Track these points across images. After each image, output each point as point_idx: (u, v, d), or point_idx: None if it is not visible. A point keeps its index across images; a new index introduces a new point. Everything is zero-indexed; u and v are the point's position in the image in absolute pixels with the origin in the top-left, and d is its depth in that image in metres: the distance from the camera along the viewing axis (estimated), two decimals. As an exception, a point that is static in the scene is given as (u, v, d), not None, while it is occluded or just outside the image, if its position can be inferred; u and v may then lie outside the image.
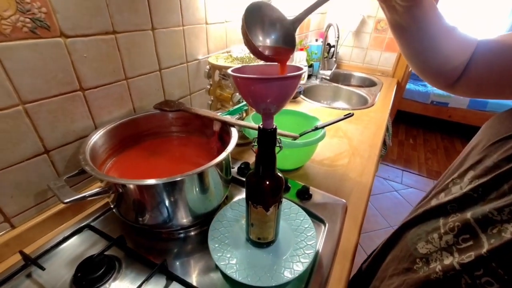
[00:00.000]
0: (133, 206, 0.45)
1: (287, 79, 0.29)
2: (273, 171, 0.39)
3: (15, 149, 0.43)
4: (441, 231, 0.32)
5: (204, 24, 0.74)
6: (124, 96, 0.58)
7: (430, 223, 0.35)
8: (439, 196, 0.37)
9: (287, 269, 0.43)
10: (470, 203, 0.30)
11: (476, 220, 0.28)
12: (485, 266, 0.26)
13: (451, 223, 0.31)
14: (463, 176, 0.34)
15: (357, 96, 1.39)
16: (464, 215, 0.30)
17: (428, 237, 0.34)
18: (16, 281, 0.42)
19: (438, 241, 0.32)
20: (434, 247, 0.32)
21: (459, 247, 0.29)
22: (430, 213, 0.35)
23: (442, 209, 0.33)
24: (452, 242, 0.30)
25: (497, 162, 0.29)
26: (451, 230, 0.31)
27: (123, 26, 0.52)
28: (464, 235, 0.29)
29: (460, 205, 0.31)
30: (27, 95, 0.42)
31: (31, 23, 0.40)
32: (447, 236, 0.31)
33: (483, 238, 0.27)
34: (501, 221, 0.26)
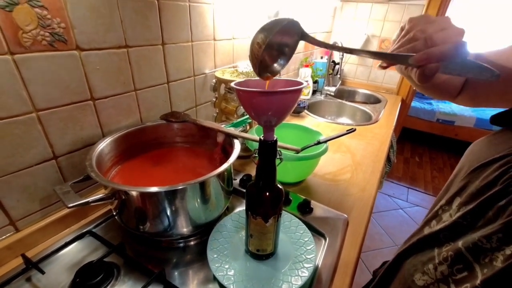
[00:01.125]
0: (134, 213, 0.46)
1: (288, 93, 0.31)
2: (273, 183, 0.39)
3: (26, 154, 0.45)
4: (436, 261, 0.32)
5: (212, 40, 0.77)
6: (132, 106, 0.60)
7: (425, 253, 0.34)
8: (430, 223, 0.37)
9: (285, 282, 0.42)
10: (460, 231, 0.30)
11: (467, 249, 0.28)
12: None
13: (445, 253, 0.31)
14: (451, 202, 0.34)
15: (361, 112, 1.41)
16: (456, 244, 0.30)
17: (424, 268, 0.33)
18: (16, 285, 0.42)
19: (433, 272, 0.32)
20: (431, 279, 0.32)
21: (455, 278, 0.29)
22: (424, 242, 0.35)
23: (435, 237, 0.33)
24: (447, 273, 0.30)
25: (479, 188, 0.29)
26: (445, 260, 0.30)
27: (135, 41, 0.55)
28: (458, 265, 0.29)
29: (451, 233, 0.31)
30: (41, 103, 0.44)
31: (50, 37, 0.42)
32: (441, 267, 0.31)
33: (477, 268, 0.27)
34: (491, 249, 0.26)
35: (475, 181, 0.30)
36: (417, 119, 2.89)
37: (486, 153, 0.31)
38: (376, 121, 1.21)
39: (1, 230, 0.45)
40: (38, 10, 0.40)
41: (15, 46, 0.39)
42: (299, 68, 1.48)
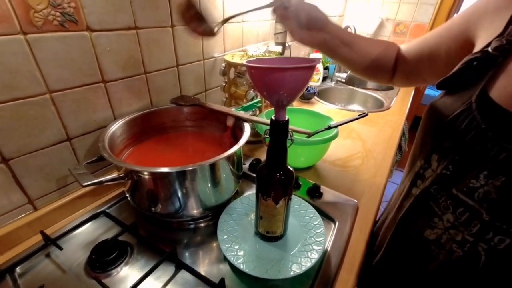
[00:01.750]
0: (146, 194, 0.47)
1: (301, 70, 0.30)
2: (284, 164, 0.39)
3: (41, 135, 0.46)
4: (439, 213, 0.35)
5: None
6: (142, 89, 0.60)
7: (424, 210, 0.37)
8: (416, 183, 0.39)
9: (295, 263, 0.43)
10: (448, 181, 0.33)
11: (463, 193, 0.31)
12: (492, 228, 0.29)
13: (444, 203, 0.34)
14: (429, 160, 0.36)
15: (372, 99, 1.37)
16: (451, 192, 0.33)
17: (430, 223, 0.36)
18: (37, 260, 0.44)
19: (440, 223, 0.35)
20: (440, 230, 0.35)
21: (461, 221, 0.32)
22: (419, 201, 0.38)
23: (428, 193, 0.36)
24: (453, 219, 0.33)
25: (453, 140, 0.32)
26: (446, 208, 0.33)
27: (145, 22, 0.55)
28: (459, 208, 0.32)
29: (440, 185, 0.34)
30: (54, 85, 0.45)
31: (61, 17, 0.42)
32: (446, 216, 0.34)
33: (475, 205, 0.30)
34: (481, 186, 0.29)
35: (448, 135, 0.33)
36: (430, 108, 2.80)
37: (445, 111, 0.34)
38: (388, 108, 1.18)
39: (20, 208, 0.47)
40: (48, -12, 0.40)
41: (27, 25, 0.39)
42: (310, 53, 1.44)
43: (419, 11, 1.50)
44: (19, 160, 0.44)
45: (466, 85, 0.33)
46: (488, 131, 0.29)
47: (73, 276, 0.42)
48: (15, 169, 0.44)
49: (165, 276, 0.42)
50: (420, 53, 0.47)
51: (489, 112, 0.29)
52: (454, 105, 0.32)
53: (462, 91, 0.33)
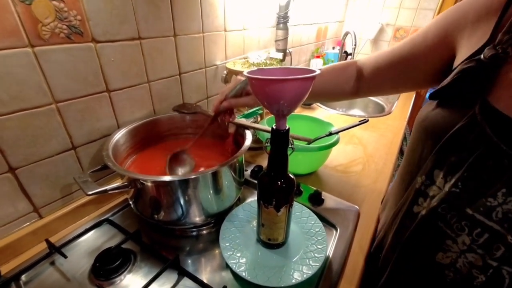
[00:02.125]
0: (149, 202, 0.47)
1: (300, 81, 0.30)
2: (285, 172, 0.39)
3: (46, 144, 0.47)
4: (452, 235, 0.32)
5: (223, 31, 0.77)
6: (145, 98, 0.61)
7: (433, 232, 0.34)
8: (418, 201, 0.37)
9: (297, 271, 0.43)
10: (458, 199, 0.31)
11: (479, 212, 0.29)
12: None
13: (456, 224, 0.31)
14: (432, 177, 0.34)
15: (373, 104, 1.38)
16: (464, 212, 0.30)
17: (442, 246, 0.33)
18: (42, 268, 0.44)
19: (455, 246, 0.32)
20: (455, 253, 0.32)
21: (479, 243, 0.30)
22: (426, 222, 0.35)
23: (435, 214, 0.33)
24: (469, 242, 0.30)
25: (461, 156, 0.31)
26: (460, 230, 0.31)
27: (148, 33, 0.56)
28: (476, 229, 0.30)
29: (450, 204, 0.32)
30: (60, 95, 0.46)
31: (67, 30, 0.44)
32: (461, 238, 0.31)
33: (494, 226, 0.28)
34: (499, 205, 0.28)
35: (452, 149, 0.31)
36: (432, 111, 2.79)
37: (444, 125, 0.32)
38: (389, 112, 1.18)
39: (26, 217, 0.48)
40: (56, 2, 0.41)
41: (35, 39, 0.40)
42: (310, 59, 1.46)
43: (419, 16, 1.51)
44: (25, 169, 0.45)
45: (460, 96, 0.32)
46: (500, 144, 0.27)
47: (78, 284, 0.42)
48: (21, 178, 0.45)
49: (168, 284, 0.43)
50: (390, 63, 0.47)
51: (497, 124, 0.28)
52: (453, 118, 0.32)
53: (457, 101, 0.32)
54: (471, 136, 0.30)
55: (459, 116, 0.31)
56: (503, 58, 0.29)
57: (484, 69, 0.30)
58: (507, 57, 0.29)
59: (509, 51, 0.29)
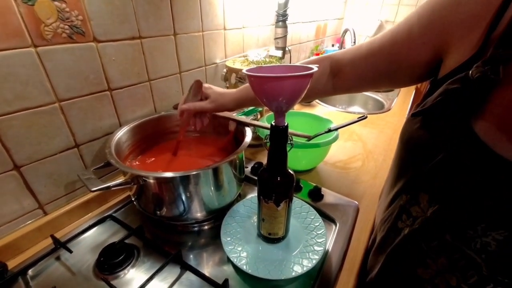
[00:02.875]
0: (151, 198, 0.48)
1: (298, 78, 0.31)
2: (284, 168, 0.40)
3: (50, 142, 0.48)
4: (432, 255, 0.33)
5: (222, 30, 0.77)
6: (146, 96, 0.62)
7: (415, 250, 0.35)
8: (401, 217, 0.38)
9: (297, 264, 0.44)
10: (441, 225, 0.31)
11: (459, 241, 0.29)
12: (493, 281, 0.27)
13: (437, 248, 0.32)
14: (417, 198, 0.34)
15: (373, 101, 1.38)
16: (444, 238, 0.31)
17: (423, 262, 0.34)
18: (48, 262, 0.46)
19: (434, 265, 0.33)
20: (434, 271, 0.33)
21: (456, 267, 0.30)
22: (408, 240, 0.36)
23: (418, 235, 0.34)
24: (447, 264, 0.31)
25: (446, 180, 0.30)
26: (439, 252, 0.32)
27: (148, 32, 0.57)
28: (455, 255, 0.30)
29: (432, 229, 0.32)
30: (63, 94, 0.47)
31: (69, 30, 0.44)
32: (440, 259, 0.32)
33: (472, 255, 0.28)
34: (479, 237, 0.28)
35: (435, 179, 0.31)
36: (432, 108, 2.79)
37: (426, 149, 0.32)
38: (389, 109, 1.19)
39: (31, 213, 0.49)
40: (58, 3, 0.42)
41: (38, 39, 0.41)
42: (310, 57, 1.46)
43: (418, 12, 1.51)
44: (30, 166, 0.46)
45: (444, 118, 0.30)
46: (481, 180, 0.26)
47: (83, 278, 0.43)
48: (26, 175, 0.46)
49: (171, 278, 0.44)
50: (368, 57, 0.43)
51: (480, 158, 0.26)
52: (437, 144, 0.30)
53: (441, 124, 0.30)
54: (454, 166, 0.28)
55: (443, 143, 0.29)
56: (493, 80, 0.25)
57: (470, 91, 0.27)
58: (498, 79, 0.25)
59: (500, 71, 0.25)
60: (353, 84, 0.48)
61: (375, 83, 0.46)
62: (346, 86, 0.49)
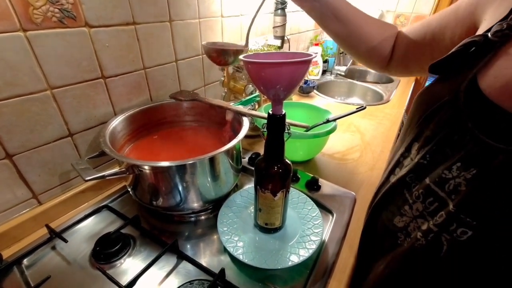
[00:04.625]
0: (148, 188, 0.48)
1: (296, 64, 0.30)
2: (282, 157, 0.40)
3: (43, 130, 0.47)
4: (410, 201, 0.35)
5: (220, 17, 0.75)
6: (142, 85, 0.61)
7: (398, 198, 0.37)
8: (394, 171, 0.39)
9: (293, 254, 0.44)
10: (423, 170, 0.33)
11: (434, 183, 0.31)
12: (456, 220, 0.28)
13: (416, 192, 0.34)
14: (410, 149, 0.36)
15: (372, 92, 1.37)
16: (423, 182, 0.32)
17: (400, 210, 0.36)
18: (43, 252, 0.45)
19: (410, 211, 0.35)
20: (409, 218, 0.35)
21: (429, 211, 0.32)
22: (394, 189, 0.38)
23: (403, 182, 0.36)
24: (421, 209, 0.33)
25: (434, 130, 0.32)
26: (417, 198, 0.33)
27: (143, 18, 0.55)
28: (429, 198, 0.32)
29: (416, 174, 0.34)
30: (55, 81, 0.45)
31: (60, 13, 0.43)
32: (416, 205, 0.34)
33: (445, 197, 0.30)
34: (452, 178, 0.29)
35: (429, 125, 0.32)
36: (431, 101, 2.79)
37: (434, 99, 0.33)
38: (388, 101, 1.18)
39: (25, 203, 0.48)
40: (46, -15, 0.40)
41: (27, 22, 0.40)
42: (309, 47, 1.44)
43: (420, 2, 1.48)
44: (23, 155, 0.45)
45: (458, 71, 0.31)
46: (467, 122, 0.28)
47: (79, 268, 0.43)
48: (19, 164, 0.45)
49: (168, 267, 0.44)
50: (422, 37, 0.44)
51: (476, 103, 0.28)
52: (441, 93, 0.31)
53: (453, 77, 0.31)
54: (449, 112, 0.30)
55: (446, 92, 0.31)
56: (507, 35, 0.27)
57: (487, 45, 0.28)
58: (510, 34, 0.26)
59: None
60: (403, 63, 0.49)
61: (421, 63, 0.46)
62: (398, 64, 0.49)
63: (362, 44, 0.49)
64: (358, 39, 0.49)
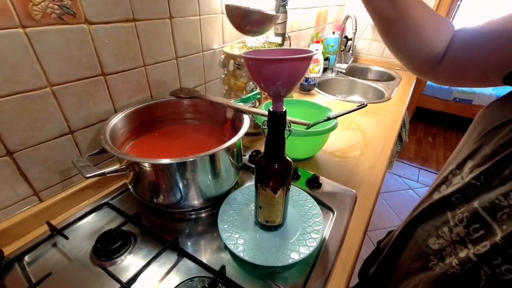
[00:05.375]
0: (148, 186, 0.48)
1: (297, 61, 0.30)
2: (282, 154, 0.40)
3: (44, 128, 0.46)
4: (451, 224, 0.31)
5: (220, 14, 0.75)
6: (142, 82, 0.60)
7: (437, 218, 0.34)
8: (440, 189, 0.36)
9: (294, 251, 0.44)
10: (474, 192, 0.30)
11: (484, 208, 0.28)
12: (502, 254, 0.25)
13: (460, 215, 0.30)
14: (462, 166, 0.33)
15: (373, 90, 1.36)
16: (471, 204, 0.29)
17: (438, 231, 0.33)
18: (44, 249, 0.45)
19: (449, 234, 0.31)
20: (446, 241, 0.32)
21: (472, 238, 0.29)
22: (436, 207, 0.35)
23: (447, 201, 0.33)
24: (463, 234, 0.30)
25: (495, 149, 0.29)
26: (460, 221, 0.30)
27: (143, 14, 0.55)
28: (474, 224, 0.29)
29: (464, 195, 0.31)
30: (55, 78, 0.45)
31: (59, 10, 0.42)
32: (457, 228, 0.30)
33: (494, 226, 0.27)
34: (508, 206, 0.26)
35: (490, 142, 0.29)
36: (432, 98, 2.78)
37: (500, 115, 0.30)
38: (389, 98, 1.18)
39: (26, 200, 0.48)
40: (45, -19, 0.40)
41: (26, 19, 0.39)
42: (310, 44, 1.43)
43: (422, -1, 1.47)
44: (23, 153, 0.45)
45: None
46: None
47: (80, 264, 0.43)
48: (19, 161, 0.45)
49: (168, 264, 0.44)
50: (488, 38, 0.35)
51: None
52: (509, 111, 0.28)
53: None
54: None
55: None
56: None
57: None
58: None
59: None
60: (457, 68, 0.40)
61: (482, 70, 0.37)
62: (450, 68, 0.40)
63: (411, 34, 0.39)
64: (409, 27, 0.39)
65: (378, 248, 0.52)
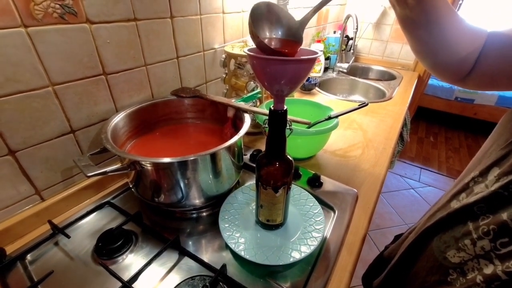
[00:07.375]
0: (149, 185, 0.48)
1: (303, 62, 0.30)
2: (283, 153, 0.40)
3: (45, 127, 0.47)
4: (474, 236, 0.29)
5: (221, 13, 0.75)
6: (143, 81, 0.60)
7: (457, 228, 0.32)
8: (459, 197, 0.34)
9: (295, 250, 0.44)
10: (501, 203, 0.27)
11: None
12: None
13: (484, 227, 0.28)
14: (486, 173, 0.31)
15: (374, 89, 1.36)
16: (498, 216, 0.27)
17: (458, 243, 0.31)
18: (46, 248, 0.46)
19: (471, 247, 0.29)
20: (468, 255, 0.30)
21: (499, 253, 0.27)
22: (455, 216, 0.32)
23: (469, 211, 0.30)
24: (489, 248, 0.28)
25: None
26: (486, 234, 0.28)
27: (144, 14, 0.55)
28: (502, 238, 0.27)
29: (489, 205, 0.29)
30: (56, 77, 0.45)
31: (61, 9, 0.42)
32: (482, 242, 0.28)
33: None
34: None
35: None
36: (434, 98, 2.77)
37: None
38: (390, 98, 1.17)
39: (28, 199, 0.48)
40: (47, -19, 0.40)
41: (28, 18, 0.39)
42: (311, 44, 1.43)
43: None
44: (25, 152, 0.45)
45: None
46: None
47: (81, 263, 0.43)
48: (21, 160, 0.45)
49: (169, 263, 0.44)
50: None
51: None
52: None
53: None
54: None
55: None
56: None
57: None
58: None
59: None
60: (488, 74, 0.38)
61: None
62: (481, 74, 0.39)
63: (443, 53, 0.38)
64: (442, 47, 0.37)
65: (383, 254, 0.51)
